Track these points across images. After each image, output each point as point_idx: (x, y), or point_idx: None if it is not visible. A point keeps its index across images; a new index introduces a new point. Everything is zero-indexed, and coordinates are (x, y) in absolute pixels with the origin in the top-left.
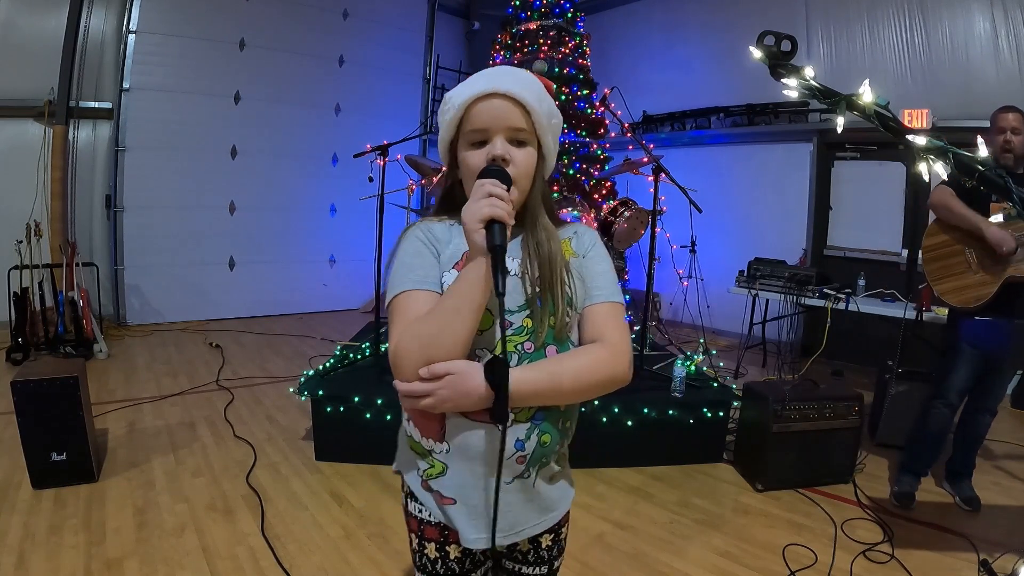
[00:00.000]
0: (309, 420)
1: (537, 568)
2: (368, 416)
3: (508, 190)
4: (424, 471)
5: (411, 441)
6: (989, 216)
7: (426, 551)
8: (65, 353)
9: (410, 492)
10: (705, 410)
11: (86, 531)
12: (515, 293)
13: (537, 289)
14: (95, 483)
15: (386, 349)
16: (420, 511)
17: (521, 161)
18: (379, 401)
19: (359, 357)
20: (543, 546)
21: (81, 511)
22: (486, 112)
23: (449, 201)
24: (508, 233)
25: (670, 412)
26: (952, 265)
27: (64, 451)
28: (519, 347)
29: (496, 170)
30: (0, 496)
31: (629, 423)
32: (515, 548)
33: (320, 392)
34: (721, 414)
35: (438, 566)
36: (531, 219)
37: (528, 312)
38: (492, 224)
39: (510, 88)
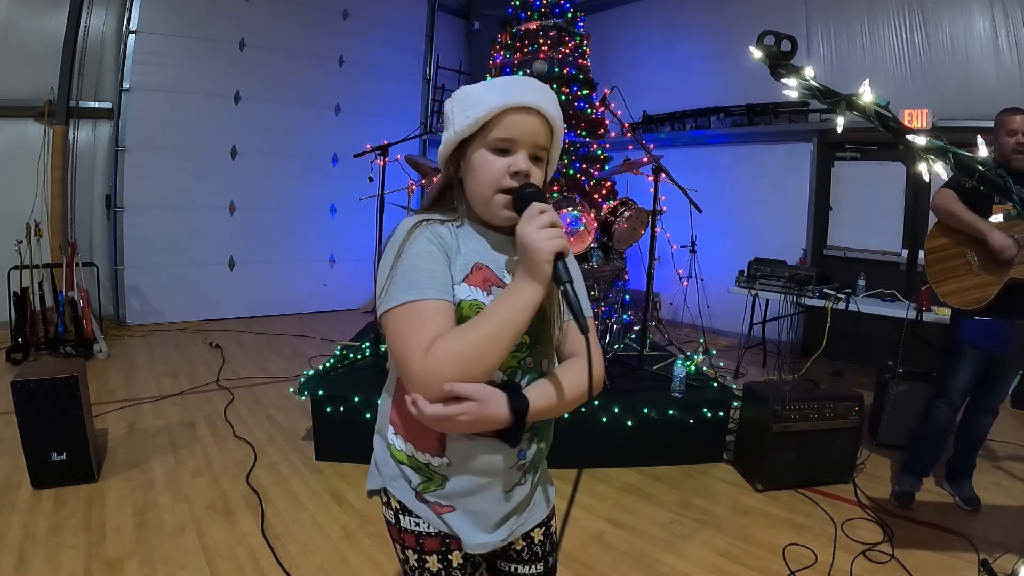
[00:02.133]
0: (309, 420)
1: (532, 567)
2: (368, 416)
3: None
4: (419, 485)
5: (400, 455)
6: (991, 217)
7: (427, 564)
8: (65, 353)
9: (401, 507)
10: (705, 410)
11: (86, 531)
12: None
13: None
14: (95, 483)
15: (386, 349)
16: (417, 524)
17: (537, 179)
18: (379, 401)
19: (359, 357)
20: (536, 541)
21: (81, 511)
22: (519, 124)
23: (445, 198)
24: None
25: (670, 412)
26: (954, 267)
27: (64, 451)
28: (521, 362)
29: (533, 192)
30: (0, 496)
31: (629, 423)
32: (510, 548)
33: (320, 392)
34: (721, 414)
35: None
36: None
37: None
38: (558, 258)
39: (545, 107)
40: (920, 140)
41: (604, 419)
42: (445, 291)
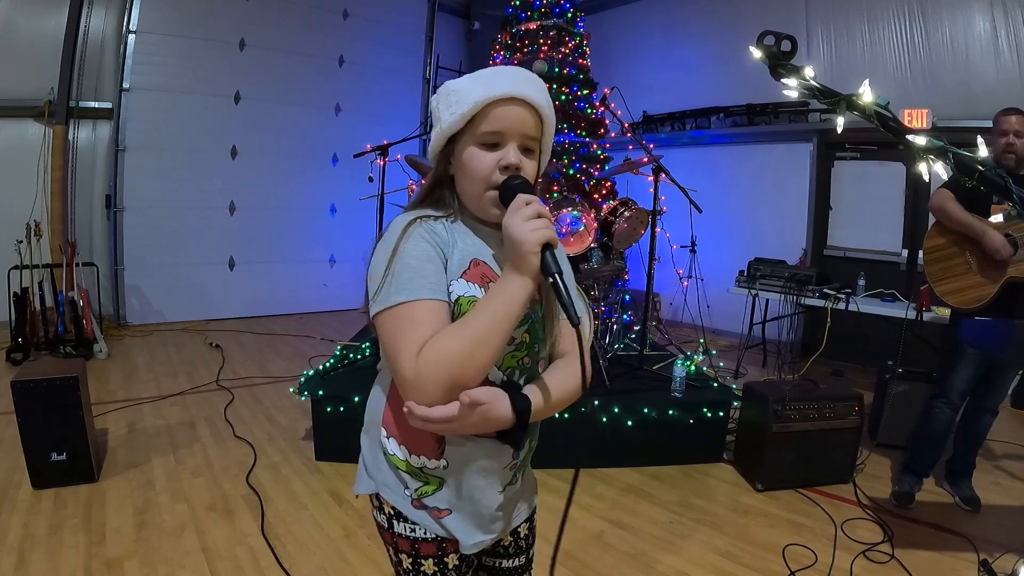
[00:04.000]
0: (309, 420)
1: (515, 560)
2: None
3: None
4: (416, 490)
5: (393, 459)
6: (990, 216)
7: (423, 568)
8: (65, 353)
9: (395, 513)
10: (705, 410)
11: (86, 531)
12: None
13: (538, 305)
14: (95, 483)
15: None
16: (412, 530)
17: (529, 171)
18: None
19: (359, 357)
20: (521, 535)
21: (81, 511)
22: (506, 117)
23: (435, 194)
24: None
25: (670, 412)
26: (953, 266)
27: (64, 451)
28: (520, 362)
29: (520, 184)
30: (0, 496)
31: (629, 423)
32: (498, 544)
33: (320, 392)
34: (721, 414)
35: None
36: None
37: (527, 327)
38: (546, 249)
39: (532, 96)
40: (920, 140)
41: (604, 419)
42: (438, 291)
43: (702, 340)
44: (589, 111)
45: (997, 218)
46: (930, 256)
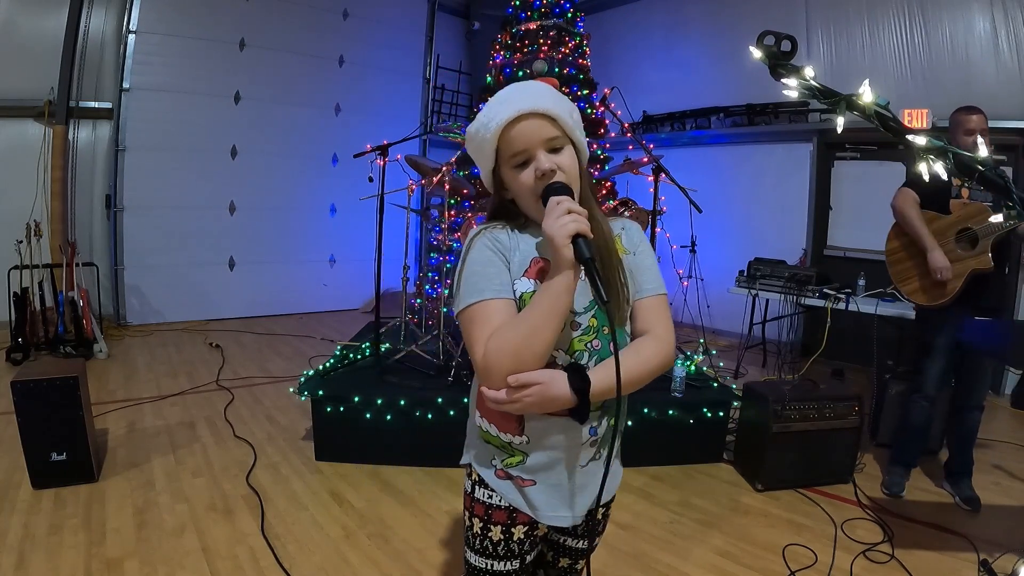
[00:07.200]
0: (309, 420)
1: (582, 541)
2: (368, 416)
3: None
4: (504, 461)
5: (486, 435)
6: (949, 212)
7: (490, 534)
8: (65, 353)
9: (479, 480)
10: (705, 410)
11: (86, 531)
12: (581, 295)
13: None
14: (95, 483)
15: (386, 349)
16: (490, 497)
17: (567, 164)
18: (379, 401)
19: (359, 357)
20: (598, 518)
21: (81, 511)
22: (519, 135)
23: (503, 213)
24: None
25: (670, 412)
26: (916, 265)
27: (64, 451)
28: (588, 345)
29: (560, 186)
30: (0, 496)
31: (629, 423)
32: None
33: (320, 392)
34: (721, 414)
35: (500, 547)
36: (588, 215)
37: (593, 312)
38: (577, 239)
39: (533, 105)
40: (920, 140)
41: None
42: (502, 290)
43: (702, 340)
44: (589, 111)
45: (997, 218)
46: (893, 257)
